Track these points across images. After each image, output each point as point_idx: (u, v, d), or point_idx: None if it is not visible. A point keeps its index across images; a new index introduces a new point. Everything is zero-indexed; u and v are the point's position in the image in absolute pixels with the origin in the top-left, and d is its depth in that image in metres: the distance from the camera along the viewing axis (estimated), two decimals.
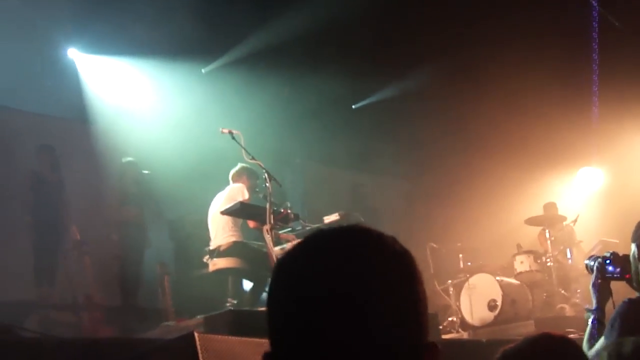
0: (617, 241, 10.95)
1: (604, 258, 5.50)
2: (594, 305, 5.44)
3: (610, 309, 5.22)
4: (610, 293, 5.55)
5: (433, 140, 14.73)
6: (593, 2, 11.11)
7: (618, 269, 5.38)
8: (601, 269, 5.48)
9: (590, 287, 5.58)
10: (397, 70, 14.12)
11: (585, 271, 5.54)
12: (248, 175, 10.68)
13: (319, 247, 1.67)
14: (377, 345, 1.55)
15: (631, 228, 5.21)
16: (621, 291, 5.47)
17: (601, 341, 5.01)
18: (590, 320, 5.41)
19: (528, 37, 12.35)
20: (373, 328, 1.55)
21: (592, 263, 5.57)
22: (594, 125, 12.92)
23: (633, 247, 5.22)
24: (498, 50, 12.72)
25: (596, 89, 10.86)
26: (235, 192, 10.44)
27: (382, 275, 1.60)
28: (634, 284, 5.27)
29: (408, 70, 14.06)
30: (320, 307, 1.56)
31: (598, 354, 4.16)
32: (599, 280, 5.50)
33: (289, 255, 1.69)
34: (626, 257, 5.25)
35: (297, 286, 1.61)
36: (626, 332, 4.79)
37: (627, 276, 5.35)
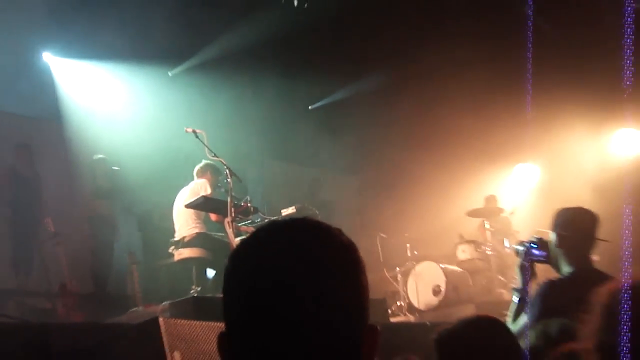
0: (550, 232, 11.13)
1: (530, 243, 5.75)
2: (519, 285, 5.71)
3: (535, 288, 5.49)
4: (534, 274, 5.81)
5: (382, 139, 14.71)
6: (527, 11, 11.28)
7: (542, 253, 5.62)
8: (527, 252, 5.72)
9: (517, 268, 5.84)
10: (349, 74, 14.15)
11: None
12: (211, 172, 10.67)
13: (270, 238, 1.66)
14: (323, 328, 1.57)
15: None
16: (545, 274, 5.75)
17: (524, 317, 5.27)
18: (515, 298, 5.68)
19: (467, 44, 12.34)
20: (319, 312, 1.56)
21: (520, 248, 5.83)
22: (529, 124, 13.06)
23: (552, 235, 5.50)
24: (440, 56, 12.77)
25: (530, 90, 11.01)
26: (198, 187, 10.45)
27: (329, 264, 1.61)
28: (554, 267, 5.55)
29: (359, 75, 14.13)
30: (270, 293, 1.57)
31: (525, 331, 4.39)
32: (525, 263, 5.76)
33: (241, 246, 1.69)
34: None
35: (249, 275, 1.61)
36: (545, 309, 5.04)
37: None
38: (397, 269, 13.14)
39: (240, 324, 1.62)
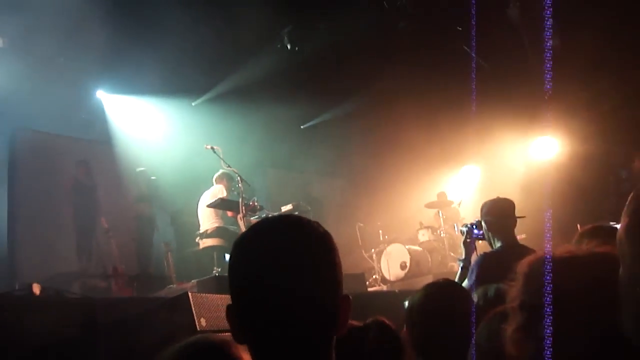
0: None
1: (472, 224, 5.82)
2: (463, 256, 5.77)
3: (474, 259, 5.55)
4: (474, 248, 5.89)
5: (359, 149, 14.77)
6: (470, 47, 11.32)
7: (480, 232, 5.69)
8: (469, 232, 5.79)
9: (461, 244, 5.90)
10: (331, 100, 14.23)
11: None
12: (226, 179, 10.74)
13: (262, 231, 1.68)
14: (308, 299, 1.59)
15: None
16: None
17: (466, 281, 5.33)
18: (460, 266, 5.75)
19: (421, 72, 12.48)
20: (305, 286, 1.58)
21: (464, 228, 5.89)
22: (472, 134, 13.12)
23: (482, 222, 5.57)
24: (400, 82, 12.89)
25: (472, 108, 11.04)
26: (217, 191, 10.56)
27: (310, 249, 1.63)
28: (489, 243, 5.61)
29: (338, 100, 14.20)
30: (264, 273, 1.58)
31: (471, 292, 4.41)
32: (468, 240, 5.82)
33: (242, 237, 1.69)
34: None
35: (247, 260, 1.63)
36: (481, 275, 5.10)
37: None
38: (372, 250, 13.24)
39: (240, 300, 1.64)
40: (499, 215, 5.50)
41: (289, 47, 12.37)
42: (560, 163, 12.96)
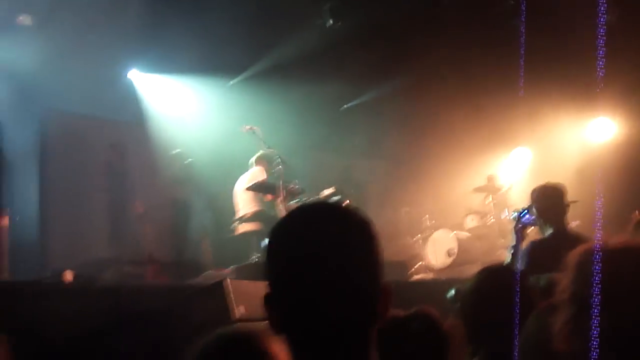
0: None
1: (523, 210, 5.82)
2: (513, 243, 5.78)
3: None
4: (524, 236, 5.89)
5: (403, 130, 14.71)
6: (518, 22, 11.19)
7: (532, 218, 5.69)
8: (519, 218, 5.80)
9: (512, 230, 5.90)
10: (373, 80, 14.17)
11: None
12: (265, 160, 10.71)
13: (301, 217, 1.69)
14: (347, 288, 1.59)
15: None
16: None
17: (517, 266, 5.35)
18: (510, 253, 5.74)
19: (467, 49, 12.40)
20: (344, 275, 1.59)
21: (514, 214, 5.90)
22: (522, 115, 12.99)
23: (532, 208, 5.56)
24: (445, 60, 12.87)
25: (522, 88, 10.93)
26: (257, 174, 10.56)
27: (349, 236, 1.63)
28: (540, 230, 5.60)
29: (381, 80, 14.14)
30: (302, 261, 1.59)
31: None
32: (518, 226, 5.82)
33: (279, 224, 1.71)
34: None
35: (285, 246, 1.65)
36: (530, 263, 5.12)
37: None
38: (419, 235, 13.26)
39: (277, 289, 1.66)
40: (549, 201, 5.51)
41: (331, 22, 12.33)
42: (617, 146, 12.80)
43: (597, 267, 1.59)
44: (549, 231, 5.46)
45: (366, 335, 1.65)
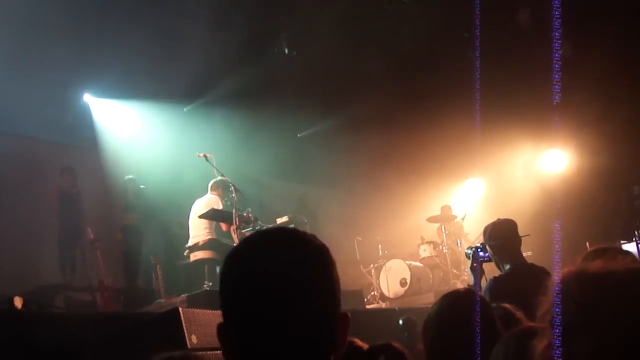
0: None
1: (477, 248, 5.81)
2: (473, 282, 5.76)
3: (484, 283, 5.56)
4: (482, 272, 5.87)
5: (356, 160, 14.73)
6: (474, 55, 11.31)
7: (486, 255, 5.68)
8: (475, 255, 5.79)
9: (469, 269, 5.90)
10: (329, 109, 14.22)
11: None
12: (222, 188, 10.65)
13: (255, 246, 1.66)
14: (304, 316, 1.57)
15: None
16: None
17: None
18: None
19: (422, 79, 12.56)
20: (301, 303, 1.57)
21: (469, 251, 5.89)
22: (476, 147, 13.11)
23: (487, 247, 5.59)
24: (402, 90, 12.99)
25: (477, 121, 11.04)
26: (212, 202, 10.51)
27: (306, 265, 1.61)
28: (497, 266, 5.61)
29: (336, 109, 14.18)
30: (257, 288, 1.57)
31: None
32: (474, 264, 5.81)
33: (233, 253, 1.67)
34: None
35: (239, 277, 1.61)
36: (493, 298, 5.12)
37: None
38: (371, 265, 13.30)
39: (233, 317, 1.62)
40: (502, 237, 5.52)
41: (286, 51, 12.39)
42: (569, 177, 12.97)
43: (580, 291, 1.61)
44: (507, 266, 5.48)
45: None
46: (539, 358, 1.74)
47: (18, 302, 5.81)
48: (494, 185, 14.83)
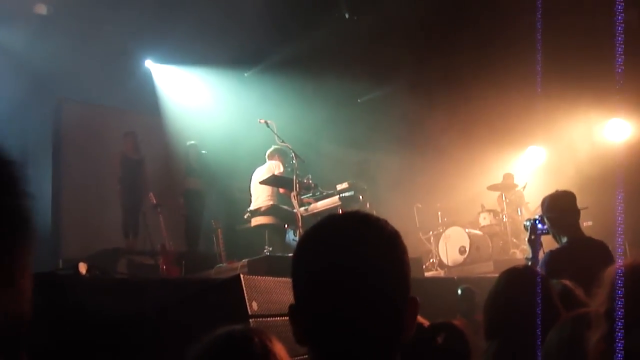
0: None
1: (534, 220, 5.73)
2: (530, 255, 5.68)
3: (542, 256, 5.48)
4: (540, 245, 5.78)
5: (418, 125, 14.61)
6: (536, 21, 11.09)
7: (545, 227, 5.60)
8: (532, 228, 5.71)
9: (527, 242, 5.81)
10: (391, 73, 14.10)
11: None
12: (279, 154, 10.67)
13: (331, 228, 1.67)
14: (376, 300, 1.58)
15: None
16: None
17: None
18: (529, 264, 5.64)
19: (485, 47, 12.34)
20: (374, 287, 1.57)
21: (527, 223, 5.81)
22: (538, 114, 12.91)
23: (545, 217, 5.50)
24: (465, 57, 12.78)
25: (539, 87, 10.84)
26: (272, 167, 10.49)
27: (380, 248, 1.62)
28: (554, 238, 5.52)
29: (399, 74, 14.06)
30: (331, 272, 1.58)
31: None
32: (532, 237, 5.73)
33: (308, 234, 1.69)
34: None
35: (314, 257, 1.62)
36: (549, 272, 5.04)
37: None
38: (431, 232, 13.24)
39: (306, 296, 1.63)
40: (560, 210, 5.44)
41: (347, 16, 12.29)
42: (631, 147, 12.69)
43: (635, 284, 1.56)
44: (564, 239, 5.40)
45: (392, 347, 1.63)
46: (592, 350, 1.70)
47: (82, 267, 5.88)
48: (556, 154, 14.57)
